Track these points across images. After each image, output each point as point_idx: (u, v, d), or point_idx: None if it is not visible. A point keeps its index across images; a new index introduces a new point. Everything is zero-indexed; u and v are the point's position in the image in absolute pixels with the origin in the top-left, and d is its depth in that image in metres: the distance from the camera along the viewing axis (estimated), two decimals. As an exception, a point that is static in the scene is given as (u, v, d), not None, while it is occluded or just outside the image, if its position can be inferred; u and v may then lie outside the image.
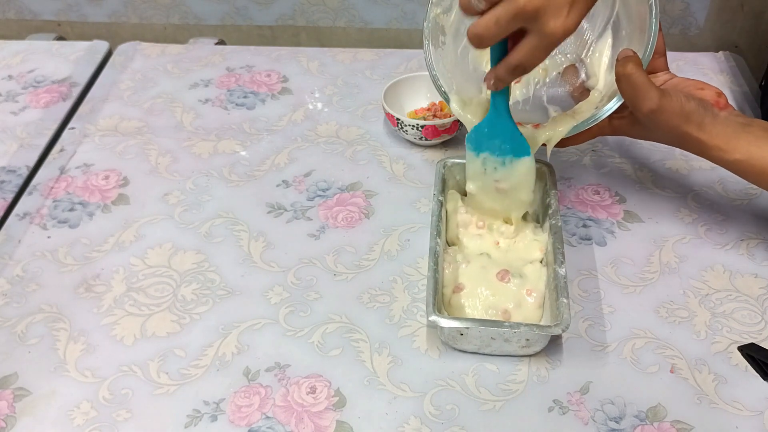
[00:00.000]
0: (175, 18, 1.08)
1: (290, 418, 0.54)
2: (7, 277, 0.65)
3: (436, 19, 0.64)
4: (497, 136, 0.60)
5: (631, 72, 0.56)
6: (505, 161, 0.61)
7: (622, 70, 0.56)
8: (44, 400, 0.56)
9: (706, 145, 0.58)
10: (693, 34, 1.03)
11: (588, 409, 0.54)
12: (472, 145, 0.62)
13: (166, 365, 0.58)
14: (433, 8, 0.64)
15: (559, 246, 0.60)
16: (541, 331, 0.54)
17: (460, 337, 0.56)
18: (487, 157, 0.61)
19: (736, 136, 0.57)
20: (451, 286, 0.60)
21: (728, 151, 0.57)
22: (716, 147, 0.58)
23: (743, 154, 0.57)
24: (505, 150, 0.61)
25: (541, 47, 0.51)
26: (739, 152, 0.57)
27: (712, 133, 0.57)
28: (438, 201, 0.64)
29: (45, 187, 0.74)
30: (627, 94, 0.57)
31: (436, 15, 0.64)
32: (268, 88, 0.88)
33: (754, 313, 0.61)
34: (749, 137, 0.57)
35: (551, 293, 0.58)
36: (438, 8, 0.64)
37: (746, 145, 0.57)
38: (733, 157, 0.57)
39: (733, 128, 0.57)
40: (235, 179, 0.75)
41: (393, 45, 1.03)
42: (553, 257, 0.59)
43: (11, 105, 0.86)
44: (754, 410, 0.54)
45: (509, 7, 0.49)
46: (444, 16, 0.64)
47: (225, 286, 0.64)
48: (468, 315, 0.58)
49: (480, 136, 0.61)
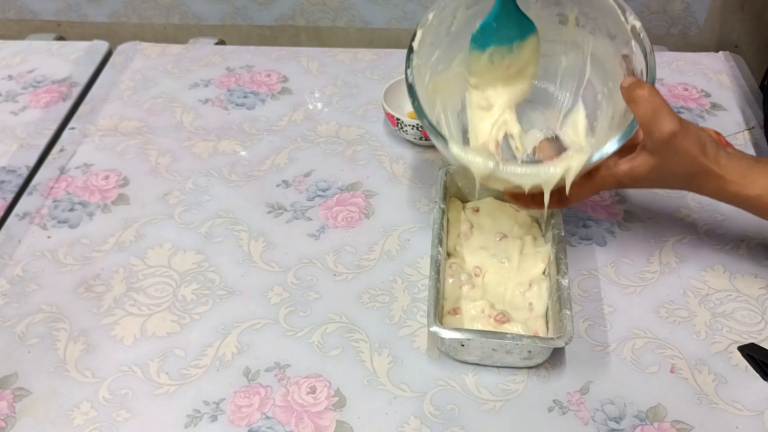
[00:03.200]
0: (175, 18, 1.08)
1: (290, 418, 0.54)
2: (7, 277, 0.65)
3: (418, 69, 0.61)
4: (504, 25, 0.60)
5: (651, 94, 0.52)
6: (512, 48, 0.61)
7: (641, 93, 0.52)
8: (44, 400, 0.56)
9: (723, 179, 0.55)
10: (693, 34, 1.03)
11: (588, 409, 0.54)
12: (478, 44, 0.61)
13: (166, 365, 0.58)
14: (416, 58, 0.60)
15: (562, 256, 0.59)
16: (544, 344, 0.54)
17: (461, 348, 0.56)
18: (495, 50, 0.61)
19: (750, 170, 0.55)
20: (451, 299, 0.60)
21: (746, 186, 0.55)
22: (734, 182, 0.55)
23: (762, 188, 0.55)
24: (512, 35, 0.61)
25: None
26: (758, 187, 0.55)
27: (728, 168, 0.54)
28: (440, 209, 0.63)
29: (45, 187, 0.74)
30: (646, 117, 0.52)
31: (418, 65, 0.60)
32: (268, 88, 0.88)
33: (754, 313, 0.61)
34: (764, 171, 0.55)
35: (554, 304, 0.57)
36: (420, 58, 0.61)
37: (764, 179, 0.54)
38: (754, 192, 0.55)
39: (746, 162, 0.55)
40: (235, 179, 0.75)
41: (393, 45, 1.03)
42: (556, 268, 0.59)
43: (11, 105, 0.86)
44: (754, 410, 0.54)
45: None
46: (428, 59, 0.62)
47: (225, 286, 0.64)
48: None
49: (488, 32, 0.60)
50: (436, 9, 0.61)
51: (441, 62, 0.63)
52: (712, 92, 0.84)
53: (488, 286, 0.61)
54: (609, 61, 0.60)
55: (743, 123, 0.80)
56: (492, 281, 0.61)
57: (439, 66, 0.63)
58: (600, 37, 0.61)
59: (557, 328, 0.55)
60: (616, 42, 0.59)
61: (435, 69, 0.63)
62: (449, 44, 0.63)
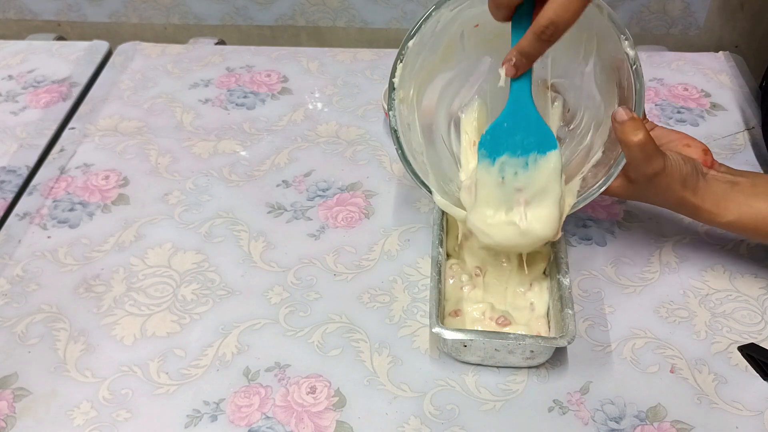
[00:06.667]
0: (175, 18, 1.08)
1: (290, 418, 0.54)
2: (7, 277, 0.65)
3: (400, 106, 0.58)
4: (519, 129, 0.53)
5: (645, 140, 0.52)
6: (528, 161, 0.53)
7: (635, 139, 0.52)
8: (44, 400, 0.56)
9: (699, 208, 0.57)
10: (693, 34, 1.03)
11: (588, 409, 0.54)
12: (487, 150, 0.54)
13: (166, 365, 0.58)
14: (397, 92, 0.57)
15: (563, 256, 0.59)
16: (547, 343, 0.54)
17: (464, 348, 0.56)
18: (506, 161, 0.54)
19: (725, 197, 0.57)
20: (452, 300, 0.60)
21: (719, 215, 0.57)
22: (708, 211, 0.57)
23: (734, 215, 0.57)
24: (528, 145, 0.53)
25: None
26: (730, 214, 0.57)
27: (705, 197, 0.57)
28: (439, 210, 0.63)
29: (45, 187, 0.74)
30: (637, 160, 0.54)
31: (401, 99, 0.58)
32: (268, 88, 0.88)
33: (754, 313, 0.61)
34: (738, 197, 0.57)
35: (555, 304, 0.57)
36: (401, 91, 0.58)
37: (736, 206, 0.56)
38: (726, 219, 0.57)
39: (722, 189, 0.57)
40: (235, 179, 0.75)
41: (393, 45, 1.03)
42: (556, 267, 0.59)
43: (11, 105, 0.86)
44: (754, 410, 0.54)
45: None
46: (407, 95, 0.59)
47: (225, 286, 0.64)
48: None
49: (499, 135, 0.53)
50: (417, 34, 0.56)
51: (427, 58, 0.59)
52: (712, 92, 0.84)
53: (489, 286, 0.61)
54: (603, 88, 0.59)
55: (743, 123, 0.80)
56: (493, 281, 0.61)
57: (425, 62, 0.59)
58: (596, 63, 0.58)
59: (559, 328, 0.55)
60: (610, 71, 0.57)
61: (420, 69, 0.59)
62: (435, 40, 0.59)
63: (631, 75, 0.53)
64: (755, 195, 0.57)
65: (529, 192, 0.54)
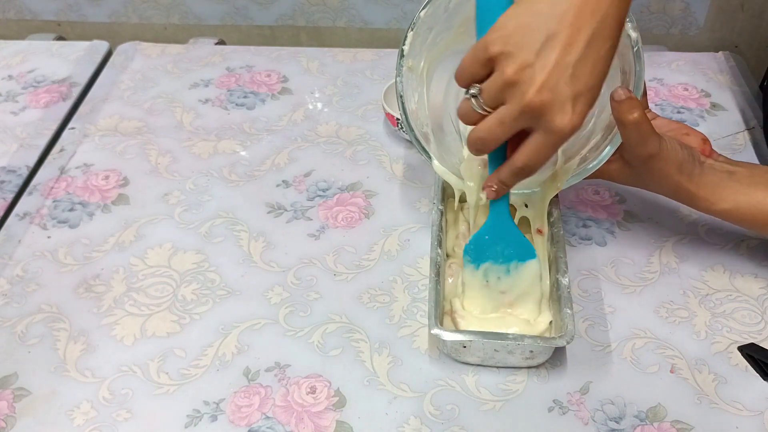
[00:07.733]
0: (175, 18, 1.08)
1: (290, 418, 0.54)
2: (7, 277, 0.65)
3: (408, 74, 0.60)
4: (499, 241, 0.58)
5: (640, 119, 0.53)
6: (509, 268, 0.58)
7: (630, 117, 0.53)
8: (44, 400, 0.56)
9: (695, 195, 0.58)
10: (693, 34, 1.03)
11: (588, 409, 0.54)
12: (471, 257, 0.58)
13: (166, 365, 0.58)
14: (406, 59, 0.59)
15: (561, 255, 0.59)
16: (546, 343, 0.54)
17: (463, 349, 0.56)
18: (489, 267, 0.58)
19: (721, 186, 0.57)
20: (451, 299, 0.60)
21: (715, 202, 0.57)
22: (703, 198, 0.58)
23: (729, 203, 0.57)
24: (509, 255, 0.58)
25: (548, 145, 0.48)
26: (725, 202, 0.57)
27: (700, 184, 0.57)
28: (438, 210, 0.63)
29: (45, 187, 0.74)
30: (632, 140, 0.55)
31: (410, 67, 0.60)
32: (268, 88, 0.88)
33: (754, 313, 0.61)
34: (734, 186, 0.57)
35: (554, 303, 0.57)
36: (410, 59, 0.60)
37: (732, 194, 0.57)
38: (721, 207, 0.58)
39: (718, 178, 0.57)
40: (235, 179, 0.75)
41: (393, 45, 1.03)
42: (556, 267, 0.59)
43: (11, 105, 0.86)
44: (754, 410, 0.54)
45: (514, 105, 0.47)
46: (417, 65, 0.61)
47: (225, 286, 0.64)
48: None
49: (480, 245, 0.58)
50: (430, 5, 0.58)
51: (440, 33, 0.61)
52: (712, 92, 0.84)
53: None
54: None
55: (743, 123, 0.80)
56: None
57: (438, 38, 0.61)
58: None
59: (558, 328, 0.55)
60: None
61: (433, 44, 0.60)
62: (449, 17, 0.60)
63: (632, 58, 0.54)
64: (753, 185, 0.57)
65: (512, 294, 0.59)
